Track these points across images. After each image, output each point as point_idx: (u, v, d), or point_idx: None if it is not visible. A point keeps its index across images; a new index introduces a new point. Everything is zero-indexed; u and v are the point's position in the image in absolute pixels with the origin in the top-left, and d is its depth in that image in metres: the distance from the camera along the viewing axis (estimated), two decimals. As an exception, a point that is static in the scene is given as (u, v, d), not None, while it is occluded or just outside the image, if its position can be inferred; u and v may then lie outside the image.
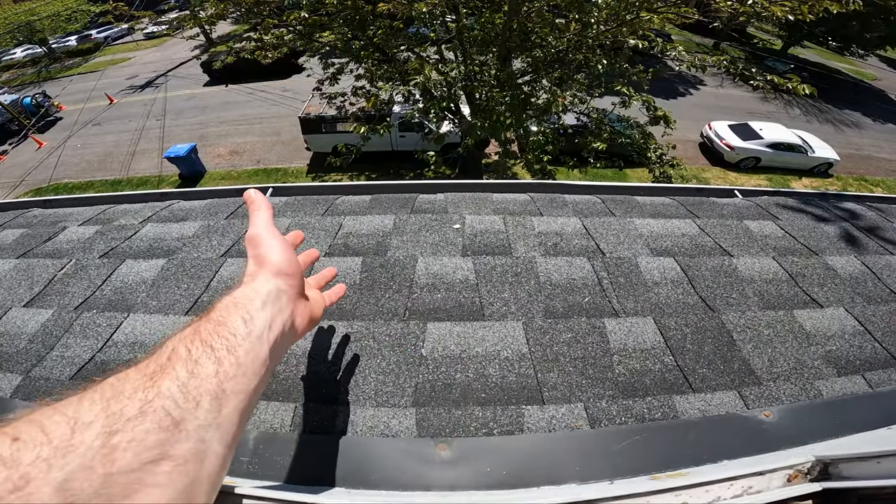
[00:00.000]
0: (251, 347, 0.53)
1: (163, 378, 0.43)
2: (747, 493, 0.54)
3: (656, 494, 0.51)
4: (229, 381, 0.47)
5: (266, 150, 15.40)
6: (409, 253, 1.55)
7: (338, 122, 12.51)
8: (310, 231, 1.68)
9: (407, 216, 1.77)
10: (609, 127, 8.14)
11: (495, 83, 7.33)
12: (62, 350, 1.28)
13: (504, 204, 1.89)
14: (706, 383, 1.13)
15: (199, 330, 0.51)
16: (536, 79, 7.92)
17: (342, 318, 1.27)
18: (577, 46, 7.21)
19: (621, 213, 1.85)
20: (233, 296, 0.59)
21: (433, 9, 7.36)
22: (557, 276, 1.44)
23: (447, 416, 1.02)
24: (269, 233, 0.71)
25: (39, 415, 0.38)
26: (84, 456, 0.35)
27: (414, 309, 1.32)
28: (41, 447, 0.35)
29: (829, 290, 1.48)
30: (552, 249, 1.57)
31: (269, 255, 0.67)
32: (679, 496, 0.52)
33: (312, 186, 2.10)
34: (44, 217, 2.10)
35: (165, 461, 0.38)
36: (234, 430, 0.47)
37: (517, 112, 6.94)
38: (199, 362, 0.47)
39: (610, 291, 1.38)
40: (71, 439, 0.36)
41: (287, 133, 15.87)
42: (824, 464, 0.54)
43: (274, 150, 15.41)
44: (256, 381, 0.52)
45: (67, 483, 0.34)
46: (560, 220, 1.76)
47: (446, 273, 1.46)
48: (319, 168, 13.77)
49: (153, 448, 0.38)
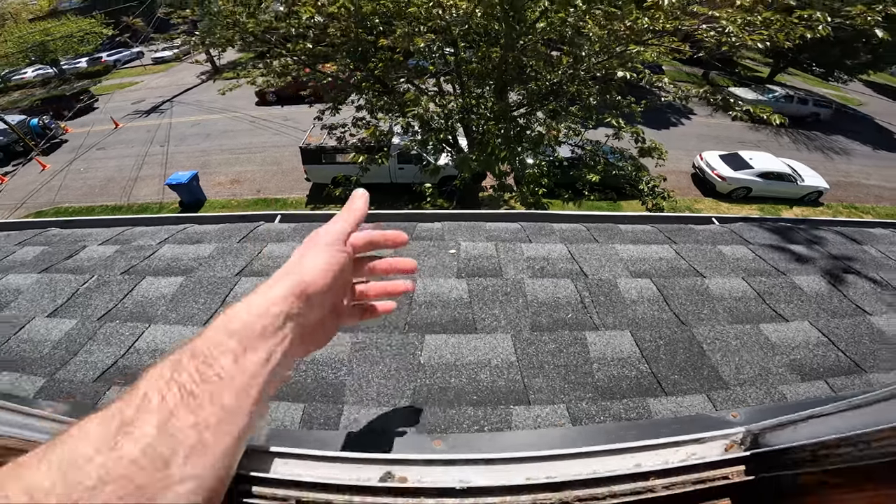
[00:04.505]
0: (241, 388, 0.46)
1: (126, 438, 0.39)
2: (691, 458, 0.65)
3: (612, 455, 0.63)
4: (210, 431, 0.42)
5: (266, 180, 15.57)
6: (410, 275, 1.68)
7: (338, 153, 12.64)
8: (316, 252, 1.82)
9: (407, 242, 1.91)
10: (603, 159, 8.30)
11: (491, 116, 7.53)
12: (85, 356, 1.39)
13: (496, 232, 2.04)
14: (678, 388, 1.25)
15: (179, 368, 0.45)
16: (531, 111, 8.17)
17: (348, 330, 1.40)
18: (571, 79, 7.47)
19: (604, 239, 2.00)
20: (231, 316, 0.51)
21: (431, 44, 7.66)
22: (543, 295, 1.57)
23: (442, 415, 1.13)
24: (329, 236, 0.62)
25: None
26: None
27: (413, 323, 1.44)
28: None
29: (795, 306, 1.61)
30: (539, 272, 1.71)
31: (305, 263, 0.59)
32: (634, 457, 0.64)
33: (318, 214, 2.25)
34: (63, 236, 2.23)
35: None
36: (220, 474, 0.43)
37: (511, 145, 7.13)
38: (175, 413, 0.41)
39: (591, 308, 1.51)
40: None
41: (287, 163, 16.06)
42: (754, 434, 0.66)
43: (274, 179, 15.58)
44: (245, 421, 0.46)
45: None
46: (547, 247, 1.90)
47: (443, 292, 1.59)
48: (319, 199, 13.89)
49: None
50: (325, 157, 13.35)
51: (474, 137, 7.89)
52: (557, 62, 7.48)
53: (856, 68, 23.96)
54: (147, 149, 17.99)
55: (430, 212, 2.29)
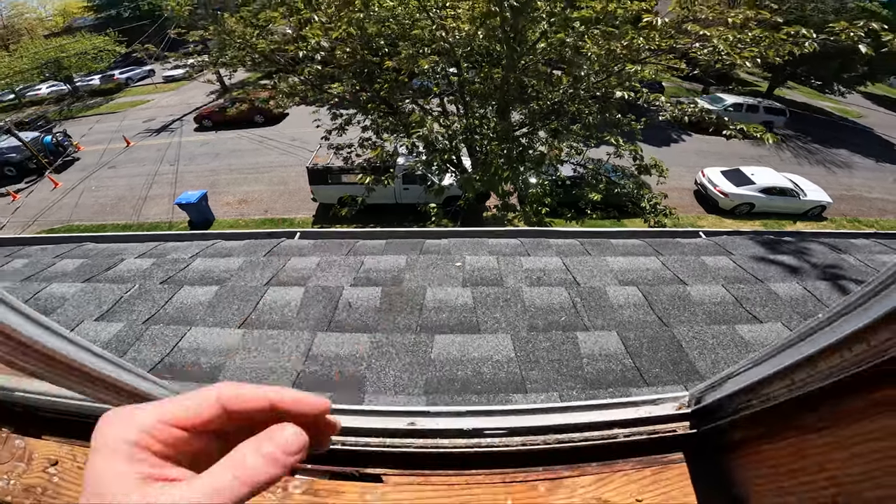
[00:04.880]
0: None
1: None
2: (648, 414, 0.82)
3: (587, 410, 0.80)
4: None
5: (273, 200, 15.80)
6: (420, 284, 1.87)
7: (343, 173, 12.79)
8: (336, 267, 2.01)
9: (417, 256, 2.11)
10: (605, 177, 8.41)
11: (494, 136, 7.69)
12: (134, 354, 1.58)
13: (498, 247, 2.23)
14: (658, 379, 1.42)
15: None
16: (533, 131, 8.32)
17: (366, 332, 1.58)
18: (571, 98, 7.67)
19: (597, 252, 2.18)
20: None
21: (435, 66, 7.91)
22: (540, 302, 1.75)
23: (450, 401, 1.31)
24: (122, 442, 0.34)
25: None
26: None
27: (424, 325, 1.63)
28: None
29: (770, 310, 1.78)
30: (536, 281, 1.89)
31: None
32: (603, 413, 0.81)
33: (335, 231, 2.45)
34: (99, 250, 2.44)
35: None
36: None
37: (514, 165, 7.28)
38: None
39: (582, 312, 1.69)
40: None
41: (294, 183, 16.31)
42: (697, 397, 0.83)
43: (281, 199, 15.80)
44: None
45: None
46: (544, 259, 2.08)
47: (450, 299, 1.77)
48: (325, 219, 14.02)
49: None
50: (332, 178, 13.46)
51: (478, 158, 8.04)
52: (557, 82, 7.67)
53: (853, 80, 24.10)
54: (157, 167, 18.37)
55: (437, 229, 2.49)
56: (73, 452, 0.90)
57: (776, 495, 0.68)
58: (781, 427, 0.73)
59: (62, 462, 0.89)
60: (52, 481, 0.87)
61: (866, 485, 0.52)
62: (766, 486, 0.70)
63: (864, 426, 0.51)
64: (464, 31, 7.52)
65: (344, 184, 13.10)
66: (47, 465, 0.89)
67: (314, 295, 1.81)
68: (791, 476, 0.64)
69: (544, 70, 8.02)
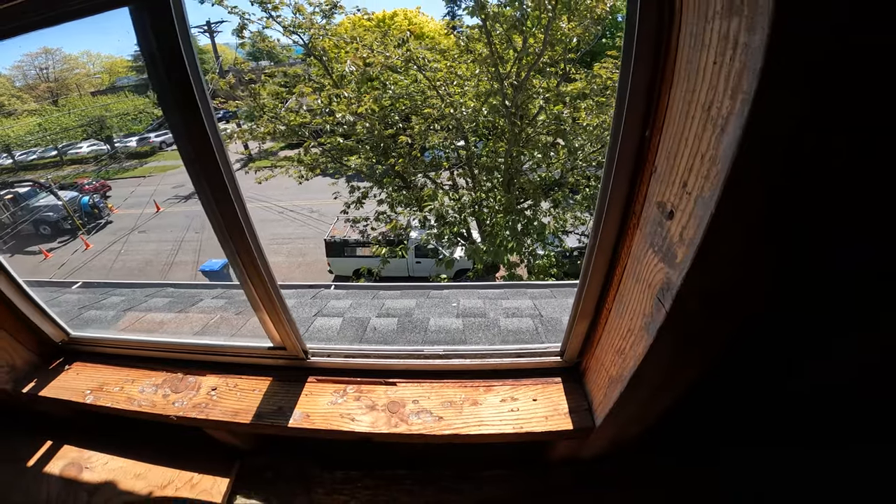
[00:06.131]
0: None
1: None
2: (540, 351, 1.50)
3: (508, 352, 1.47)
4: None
5: (291, 271, 16.56)
6: (425, 317, 2.57)
7: (360, 246, 13.28)
8: (364, 306, 2.73)
9: (424, 300, 2.82)
10: None
11: (499, 209, 8.34)
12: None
13: (485, 293, 2.94)
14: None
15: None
16: (536, 202, 8.94)
17: (386, 344, 2.26)
18: (570, 170, 8.36)
19: (561, 296, 2.88)
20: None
21: (444, 140, 8.75)
22: (511, 327, 2.43)
23: (443, 383, 1.96)
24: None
25: None
26: None
27: (426, 341, 2.31)
28: None
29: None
30: (511, 315, 2.58)
31: None
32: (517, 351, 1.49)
33: (362, 284, 3.19)
34: (180, 293, 3.19)
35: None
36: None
37: (517, 237, 7.82)
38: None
39: (541, 333, 2.36)
40: None
41: (311, 255, 17.09)
42: (564, 344, 1.51)
43: (299, 270, 16.56)
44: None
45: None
46: (519, 301, 2.79)
47: (446, 326, 2.46)
48: None
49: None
50: (348, 250, 13.98)
51: (485, 230, 8.63)
52: (556, 155, 8.35)
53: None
54: (184, 234, 19.51)
55: (441, 284, 3.22)
56: (227, 381, 1.59)
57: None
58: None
59: (219, 387, 1.58)
60: (212, 399, 1.55)
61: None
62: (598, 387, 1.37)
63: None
64: (470, 108, 8.24)
65: (360, 256, 13.65)
66: (210, 390, 1.57)
67: (349, 322, 2.51)
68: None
69: (545, 142, 8.63)
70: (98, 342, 1.82)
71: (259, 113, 8.89)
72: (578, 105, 7.83)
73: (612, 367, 1.19)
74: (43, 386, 1.75)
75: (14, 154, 31.37)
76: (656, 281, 0.87)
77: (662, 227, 0.82)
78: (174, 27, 0.90)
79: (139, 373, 1.73)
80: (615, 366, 1.17)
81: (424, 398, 1.41)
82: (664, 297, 0.84)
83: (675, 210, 0.76)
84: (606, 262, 1.12)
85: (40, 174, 26.16)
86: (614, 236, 1.04)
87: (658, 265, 0.85)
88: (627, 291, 1.04)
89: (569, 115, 7.94)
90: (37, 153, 31.92)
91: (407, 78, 8.95)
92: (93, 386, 1.71)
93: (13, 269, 1.61)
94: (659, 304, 0.86)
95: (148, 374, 1.72)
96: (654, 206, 0.86)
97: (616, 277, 1.11)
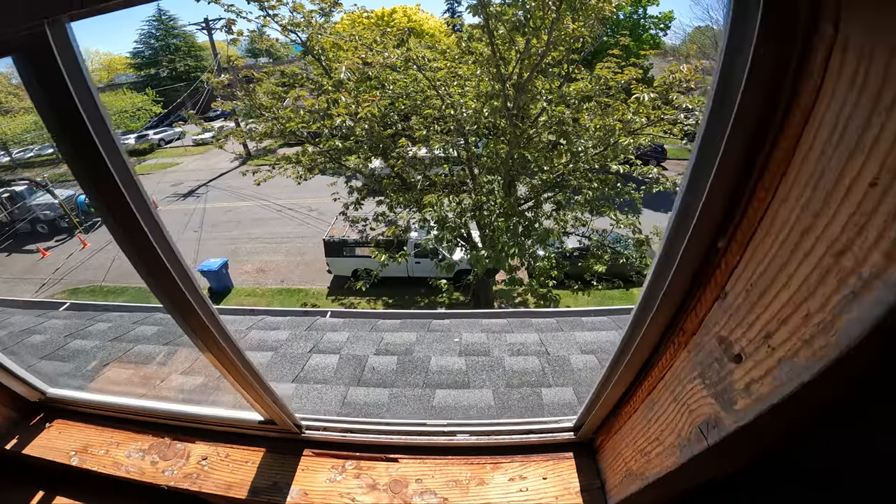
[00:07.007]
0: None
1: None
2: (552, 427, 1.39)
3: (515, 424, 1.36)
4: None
5: (290, 270, 16.30)
6: (426, 355, 2.46)
7: (358, 246, 13.19)
8: (362, 341, 2.62)
9: (424, 333, 2.71)
10: (609, 248, 8.70)
11: (500, 212, 8.06)
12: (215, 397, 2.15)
13: (489, 326, 2.83)
14: (596, 426, 1.96)
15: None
16: (537, 204, 8.75)
17: (386, 387, 2.15)
18: (572, 171, 8.05)
19: (568, 328, 2.77)
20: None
21: (445, 144, 8.55)
22: (517, 367, 2.33)
23: (446, 437, 1.86)
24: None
25: None
26: None
27: (428, 383, 2.20)
28: None
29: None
30: (516, 352, 2.47)
31: None
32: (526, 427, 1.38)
33: (359, 312, 3.08)
34: (167, 320, 3.07)
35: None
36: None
37: (518, 240, 7.61)
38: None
39: (548, 374, 2.25)
40: None
41: (310, 254, 16.82)
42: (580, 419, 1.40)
43: (297, 270, 16.29)
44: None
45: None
46: (524, 335, 2.68)
47: (448, 366, 2.35)
48: (339, 291, 14.36)
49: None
50: (347, 250, 13.88)
51: (485, 234, 8.40)
52: (559, 156, 8.16)
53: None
54: (182, 233, 19.33)
55: (441, 311, 3.11)
56: (217, 450, 1.48)
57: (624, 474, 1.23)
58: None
59: (210, 457, 1.47)
60: (203, 469, 1.44)
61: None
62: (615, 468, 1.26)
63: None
64: (471, 109, 8.06)
65: (358, 256, 13.63)
66: (200, 459, 1.46)
67: (347, 360, 2.40)
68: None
69: (547, 144, 8.42)
70: (77, 403, 1.71)
71: (257, 112, 8.71)
72: (581, 107, 7.65)
73: (633, 462, 1.08)
74: (26, 444, 1.65)
75: (11, 152, 31.30)
76: (701, 412, 0.76)
77: (721, 367, 0.70)
78: (67, 87, 0.69)
79: (124, 435, 1.63)
80: (636, 462, 1.06)
81: (428, 477, 1.30)
82: (708, 432, 0.73)
83: (746, 357, 0.63)
84: (641, 362, 1.00)
85: (37, 172, 26.12)
86: (653, 343, 0.92)
87: (706, 399, 0.74)
88: (660, 404, 0.93)
89: (570, 115, 7.78)
90: (33, 150, 31.87)
91: (406, 77, 8.76)
92: (76, 447, 1.61)
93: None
94: (700, 436, 0.75)
95: (133, 437, 1.61)
96: (713, 336, 0.72)
97: (648, 381, 1.00)
